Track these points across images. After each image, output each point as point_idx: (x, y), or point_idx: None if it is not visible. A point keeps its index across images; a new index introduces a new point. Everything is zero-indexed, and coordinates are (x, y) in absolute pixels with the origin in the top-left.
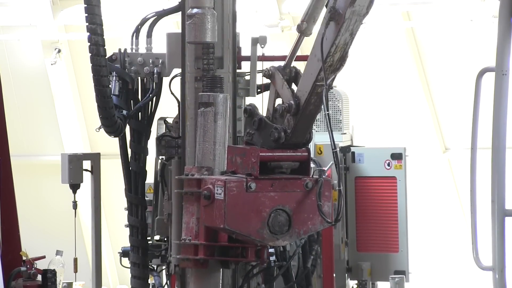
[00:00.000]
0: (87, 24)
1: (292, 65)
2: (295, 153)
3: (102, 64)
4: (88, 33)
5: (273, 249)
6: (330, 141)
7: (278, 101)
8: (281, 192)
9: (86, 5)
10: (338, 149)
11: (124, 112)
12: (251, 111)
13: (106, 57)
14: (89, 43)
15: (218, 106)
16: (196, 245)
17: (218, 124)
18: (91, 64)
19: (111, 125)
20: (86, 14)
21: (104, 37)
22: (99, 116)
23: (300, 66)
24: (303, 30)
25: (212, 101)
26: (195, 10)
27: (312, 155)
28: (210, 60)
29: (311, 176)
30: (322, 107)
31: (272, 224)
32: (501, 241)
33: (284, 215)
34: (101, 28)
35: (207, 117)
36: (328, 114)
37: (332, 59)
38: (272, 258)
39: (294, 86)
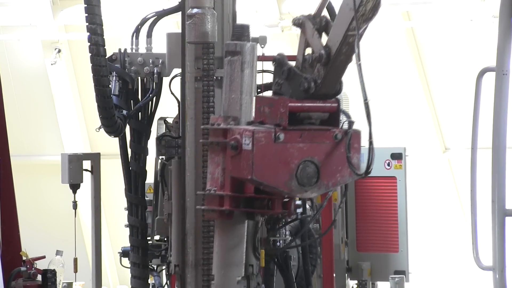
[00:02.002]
0: (87, 24)
1: (322, 15)
2: (324, 104)
3: (102, 64)
4: (88, 33)
5: (300, 201)
6: (362, 92)
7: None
8: (309, 143)
9: (86, 5)
10: (368, 100)
11: (124, 112)
12: (280, 60)
13: (106, 57)
14: (89, 43)
15: (245, 55)
16: (222, 196)
17: (245, 73)
18: (91, 64)
19: (111, 125)
20: (86, 14)
21: (104, 37)
22: (99, 116)
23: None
24: None
25: (239, 50)
26: (195, 10)
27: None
28: (210, 60)
29: (340, 127)
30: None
31: (301, 176)
32: (501, 241)
33: (313, 167)
34: (101, 28)
35: (233, 66)
36: (359, 64)
37: (364, 8)
38: (299, 210)
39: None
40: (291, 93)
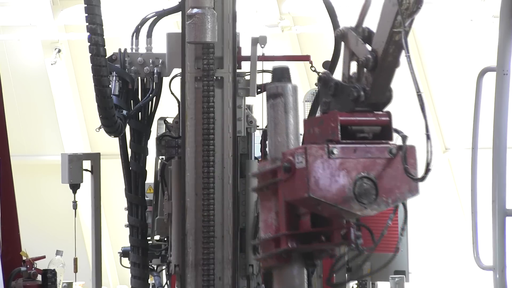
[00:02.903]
0: (87, 24)
1: (364, 26)
2: (376, 117)
3: (102, 64)
4: (88, 33)
5: (359, 232)
6: (414, 84)
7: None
8: (364, 158)
9: (86, 5)
10: (421, 92)
11: (124, 112)
12: (325, 78)
13: (106, 57)
14: (89, 43)
15: (288, 97)
16: (277, 237)
17: (289, 115)
18: (91, 64)
19: (111, 125)
20: (86, 14)
21: (104, 37)
22: (99, 116)
23: (299, 65)
24: None
25: (281, 92)
26: (195, 10)
27: None
28: (210, 60)
29: (393, 142)
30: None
31: (359, 192)
32: (501, 241)
33: (370, 183)
34: (101, 28)
35: (277, 109)
36: (408, 56)
37: (408, 0)
38: (359, 241)
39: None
40: (340, 108)
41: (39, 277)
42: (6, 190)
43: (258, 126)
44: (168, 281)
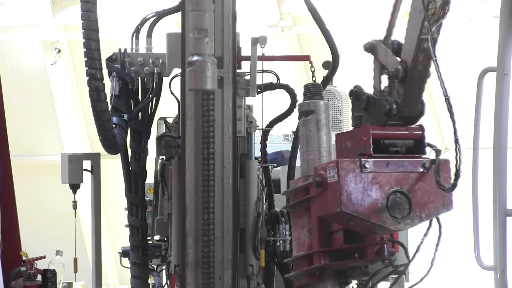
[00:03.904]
0: (86, 67)
1: (393, 38)
2: (409, 130)
3: (100, 89)
4: (87, 68)
5: (392, 248)
6: (442, 88)
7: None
8: (397, 172)
9: (84, 33)
10: (450, 96)
11: (125, 116)
12: (357, 92)
13: (106, 58)
14: (88, 88)
15: (320, 113)
16: (310, 254)
17: (321, 133)
18: (91, 102)
19: (111, 146)
20: (84, 40)
21: (102, 68)
22: (99, 137)
23: (299, 66)
24: None
25: (313, 109)
26: (195, 58)
27: None
28: (210, 106)
29: (426, 156)
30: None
31: (392, 207)
32: (502, 241)
33: (403, 197)
34: (99, 63)
35: (309, 126)
36: (436, 60)
37: (434, 5)
38: (393, 257)
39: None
40: (372, 122)
41: (39, 277)
42: (6, 190)
43: (258, 126)
44: (168, 281)
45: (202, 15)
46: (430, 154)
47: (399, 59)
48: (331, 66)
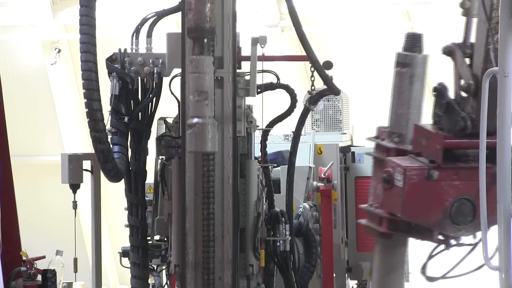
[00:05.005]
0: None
1: (471, 42)
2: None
3: (98, 118)
4: (84, 90)
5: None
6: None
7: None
8: (466, 181)
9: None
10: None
11: (126, 119)
12: (440, 90)
13: (106, 58)
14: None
15: (415, 68)
16: (381, 216)
17: (414, 87)
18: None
19: (111, 169)
20: (82, 71)
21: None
22: (99, 162)
23: (299, 66)
24: (467, 9)
25: (409, 62)
26: (195, 120)
27: (312, 155)
28: (210, 167)
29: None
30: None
31: (455, 214)
32: (507, 241)
33: (469, 205)
34: (98, 93)
35: (402, 79)
36: (496, 70)
37: (497, 14)
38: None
39: None
40: (449, 128)
41: (39, 277)
42: (6, 190)
43: (258, 126)
44: (168, 281)
45: (202, 77)
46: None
47: (471, 72)
48: (318, 69)
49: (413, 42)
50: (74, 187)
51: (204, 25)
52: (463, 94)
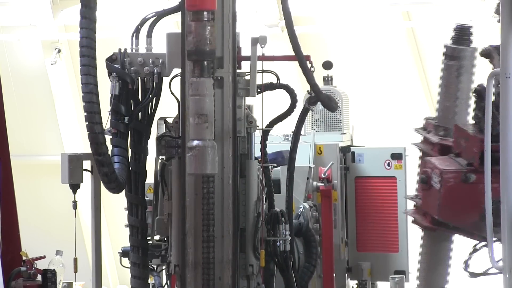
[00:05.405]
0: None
1: None
2: None
3: (100, 141)
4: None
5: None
6: None
7: None
8: None
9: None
10: None
11: (126, 119)
12: (480, 92)
13: (106, 58)
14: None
15: (463, 61)
16: (425, 210)
17: (461, 80)
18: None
19: (114, 187)
20: (82, 86)
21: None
22: (102, 182)
23: (298, 65)
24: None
25: (457, 55)
26: (195, 142)
27: (312, 155)
28: (210, 189)
29: None
30: None
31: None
32: (511, 242)
33: None
34: (98, 108)
35: (450, 71)
36: None
37: None
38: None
39: None
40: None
41: (39, 277)
42: (6, 190)
43: (258, 126)
44: (168, 281)
45: (202, 100)
46: None
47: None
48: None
49: (462, 34)
50: (74, 187)
51: (204, 48)
52: None
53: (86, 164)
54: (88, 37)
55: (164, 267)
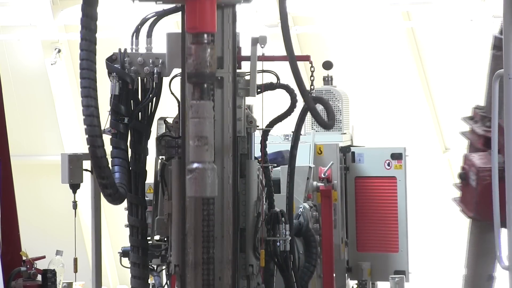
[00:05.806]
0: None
1: None
2: None
3: (103, 164)
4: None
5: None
6: None
7: None
8: None
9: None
10: None
11: (126, 120)
12: None
13: (106, 58)
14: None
15: None
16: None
17: None
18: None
19: (116, 199)
20: (82, 98)
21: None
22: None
23: (299, 65)
24: None
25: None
26: (195, 165)
27: (312, 155)
28: (210, 210)
29: None
30: None
31: None
32: None
33: None
34: (100, 131)
35: (498, 62)
36: None
37: None
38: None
39: None
40: None
41: (39, 277)
42: (6, 190)
43: (258, 126)
44: (168, 281)
45: (202, 122)
46: None
47: None
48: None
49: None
50: (74, 187)
51: (204, 71)
52: None
53: (86, 164)
54: (89, 59)
55: (164, 267)
